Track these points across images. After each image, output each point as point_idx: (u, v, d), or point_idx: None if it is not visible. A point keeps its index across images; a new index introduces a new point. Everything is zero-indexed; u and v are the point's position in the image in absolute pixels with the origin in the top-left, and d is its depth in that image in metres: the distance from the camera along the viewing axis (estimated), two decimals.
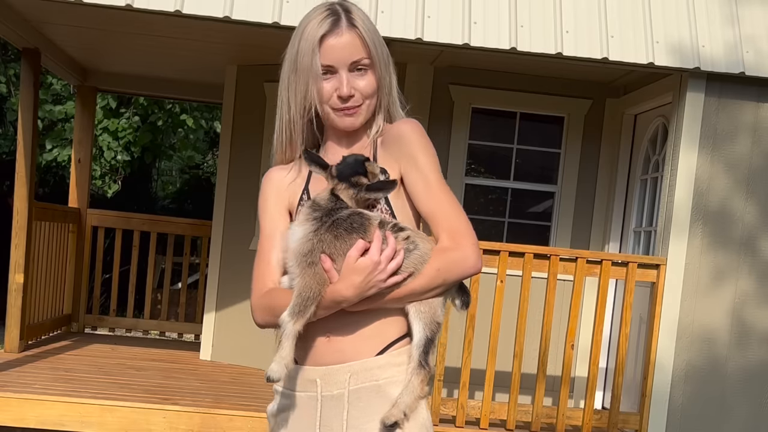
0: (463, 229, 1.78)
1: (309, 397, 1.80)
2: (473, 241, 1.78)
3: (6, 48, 11.08)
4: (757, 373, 4.74)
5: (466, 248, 1.76)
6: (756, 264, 4.73)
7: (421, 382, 1.76)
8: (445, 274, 1.76)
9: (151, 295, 7.59)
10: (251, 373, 5.72)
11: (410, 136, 1.81)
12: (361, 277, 1.70)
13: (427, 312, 1.78)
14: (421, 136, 1.81)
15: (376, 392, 1.76)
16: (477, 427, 4.66)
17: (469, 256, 1.77)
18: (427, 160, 1.80)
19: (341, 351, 1.77)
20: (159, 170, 14.86)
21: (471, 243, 1.78)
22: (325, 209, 1.76)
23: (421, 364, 1.76)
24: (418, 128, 1.83)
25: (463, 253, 1.76)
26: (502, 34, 4.48)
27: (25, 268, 5.54)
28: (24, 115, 5.57)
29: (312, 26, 1.78)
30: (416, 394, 1.76)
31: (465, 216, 1.80)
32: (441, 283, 1.77)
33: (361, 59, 1.79)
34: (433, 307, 1.79)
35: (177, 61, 6.57)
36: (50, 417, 4.42)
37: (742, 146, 4.72)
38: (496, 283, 4.61)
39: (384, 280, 1.71)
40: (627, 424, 4.74)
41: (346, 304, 1.73)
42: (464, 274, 1.79)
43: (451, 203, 1.80)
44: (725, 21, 4.65)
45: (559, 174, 5.79)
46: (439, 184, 1.80)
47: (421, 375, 1.76)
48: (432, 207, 1.79)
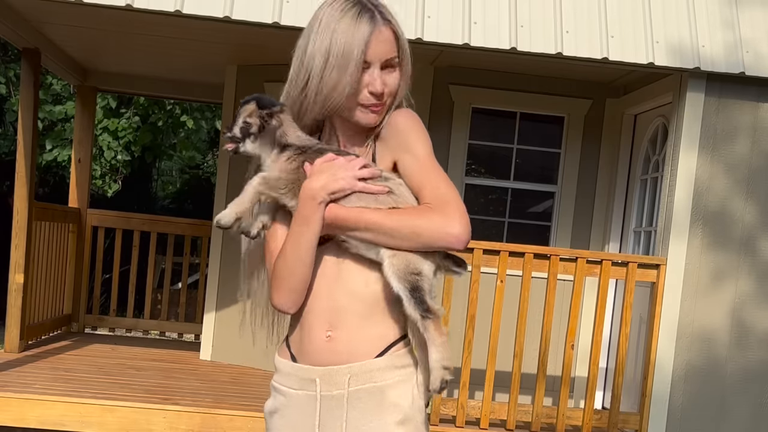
0: (451, 200, 1.71)
1: (308, 396, 1.79)
2: (461, 212, 1.70)
3: (6, 48, 11.08)
4: (757, 374, 4.74)
5: (450, 215, 1.70)
6: (756, 264, 4.73)
7: (435, 329, 1.70)
8: (419, 230, 1.70)
9: (151, 295, 7.59)
10: (251, 373, 5.71)
11: (403, 126, 1.78)
12: (329, 171, 1.72)
13: (400, 264, 1.71)
14: (414, 123, 1.78)
15: (376, 395, 1.75)
16: (477, 427, 4.66)
17: (453, 223, 1.69)
18: (419, 144, 1.76)
19: (341, 352, 1.76)
20: (159, 170, 14.86)
21: (458, 212, 1.70)
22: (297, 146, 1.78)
23: (423, 316, 1.70)
24: (410, 116, 1.80)
25: (446, 219, 1.70)
26: (502, 34, 4.48)
27: (25, 268, 5.54)
28: (24, 115, 5.57)
29: (349, 20, 1.73)
30: (440, 342, 1.71)
31: (455, 191, 1.74)
32: (411, 235, 1.70)
33: (394, 57, 1.78)
34: (407, 258, 1.71)
35: (177, 61, 6.57)
36: (50, 417, 4.42)
37: (742, 146, 4.72)
38: (496, 283, 4.61)
39: (353, 177, 1.71)
40: (627, 424, 4.74)
41: (314, 201, 1.71)
42: (442, 240, 1.70)
43: (441, 177, 1.74)
44: (725, 21, 4.66)
45: (559, 174, 5.79)
46: (429, 160, 1.75)
47: (431, 324, 1.70)
48: (422, 180, 1.74)
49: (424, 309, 1.70)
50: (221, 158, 6.41)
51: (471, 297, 4.58)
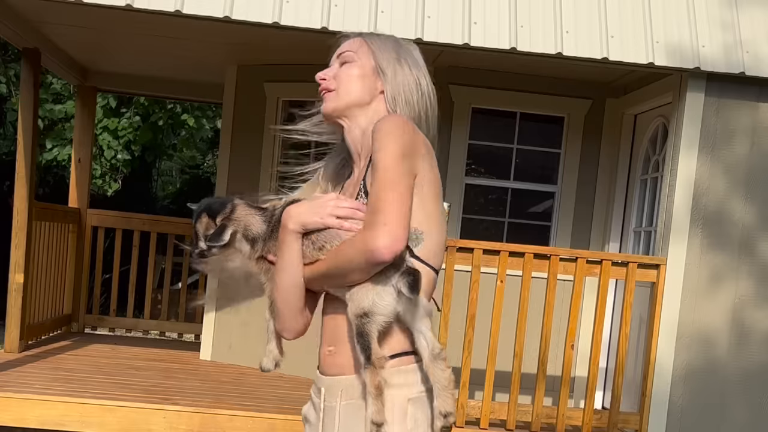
0: (382, 208, 1.64)
1: (317, 404, 1.85)
2: (387, 219, 1.62)
3: (6, 48, 11.08)
4: (757, 374, 4.74)
5: (373, 227, 1.63)
6: (755, 265, 4.73)
7: (370, 381, 1.65)
8: (346, 259, 1.67)
9: (151, 295, 7.59)
10: (251, 373, 5.72)
11: (375, 134, 1.74)
12: (309, 206, 1.78)
13: (351, 306, 1.69)
14: (385, 130, 1.72)
15: (359, 410, 1.73)
16: (477, 427, 4.66)
17: (374, 236, 1.62)
18: (382, 152, 1.69)
19: (339, 365, 1.79)
20: (159, 170, 14.87)
21: (383, 221, 1.62)
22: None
23: (364, 364, 1.66)
24: (383, 122, 1.74)
25: (367, 235, 1.64)
26: (502, 34, 4.48)
27: (25, 268, 5.54)
28: (24, 115, 5.57)
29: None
30: (374, 395, 1.66)
31: (394, 197, 1.65)
32: (344, 268, 1.68)
33: (345, 51, 1.94)
34: (358, 296, 1.67)
35: (177, 61, 6.57)
36: (50, 417, 4.42)
37: (741, 146, 4.72)
38: (496, 283, 4.61)
39: (329, 215, 1.75)
40: (627, 424, 4.74)
41: (285, 229, 1.78)
42: (367, 260, 1.64)
43: (386, 184, 1.66)
44: (725, 21, 4.65)
45: (559, 174, 5.79)
46: (384, 171, 1.67)
47: (368, 375, 1.66)
48: (372, 192, 1.69)
49: (366, 357, 1.66)
50: (221, 158, 6.41)
51: (471, 297, 4.58)
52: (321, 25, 4.27)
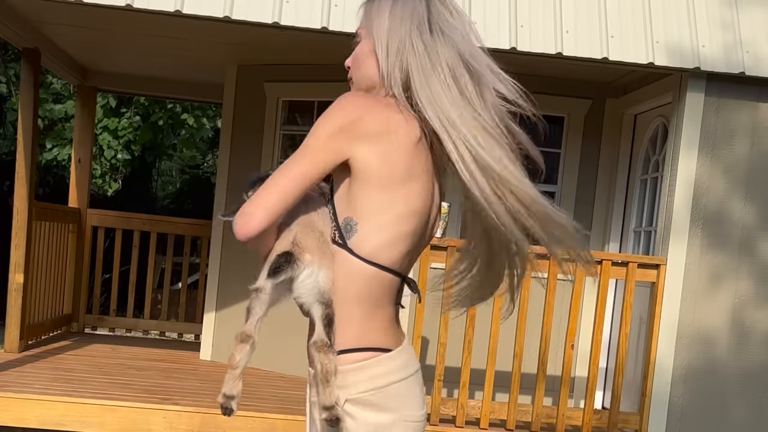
0: (259, 193, 1.65)
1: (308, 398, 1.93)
2: (253, 203, 1.63)
3: (6, 48, 11.08)
4: (757, 374, 4.74)
5: (242, 212, 1.64)
6: (755, 265, 4.73)
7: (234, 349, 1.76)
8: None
9: (151, 295, 7.58)
10: (251, 373, 5.71)
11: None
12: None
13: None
14: (324, 114, 1.68)
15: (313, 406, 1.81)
16: (477, 427, 4.66)
17: (237, 221, 1.64)
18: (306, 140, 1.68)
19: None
20: (159, 170, 14.87)
21: (249, 206, 1.64)
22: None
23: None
24: (333, 104, 1.70)
25: (236, 219, 1.66)
26: (502, 34, 4.48)
27: (25, 268, 5.54)
28: (24, 115, 5.57)
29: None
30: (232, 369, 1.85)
31: (275, 179, 1.65)
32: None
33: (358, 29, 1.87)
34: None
35: (177, 61, 6.57)
36: (50, 417, 4.42)
37: (741, 146, 4.72)
38: None
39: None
40: (627, 424, 4.74)
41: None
42: (238, 236, 1.66)
43: (282, 168, 1.67)
44: (725, 21, 4.65)
45: (559, 174, 5.79)
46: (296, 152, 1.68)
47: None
48: None
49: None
50: (221, 158, 6.41)
51: None
52: (321, 25, 4.28)
